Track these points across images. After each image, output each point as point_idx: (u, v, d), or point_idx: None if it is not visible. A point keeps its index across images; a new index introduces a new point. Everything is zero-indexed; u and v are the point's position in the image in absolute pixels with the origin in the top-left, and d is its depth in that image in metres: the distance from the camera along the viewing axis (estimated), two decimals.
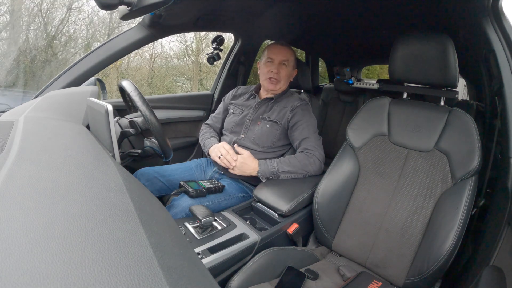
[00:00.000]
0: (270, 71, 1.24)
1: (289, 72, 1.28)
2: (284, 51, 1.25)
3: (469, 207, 0.79)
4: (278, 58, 1.23)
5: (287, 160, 1.12)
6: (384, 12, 1.33)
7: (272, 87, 1.25)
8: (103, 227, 0.28)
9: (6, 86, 3.11)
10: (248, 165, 1.12)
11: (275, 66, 1.23)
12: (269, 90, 1.27)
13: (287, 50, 1.26)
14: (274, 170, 1.10)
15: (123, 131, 1.03)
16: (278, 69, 1.23)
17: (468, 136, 0.85)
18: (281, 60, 1.24)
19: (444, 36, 0.88)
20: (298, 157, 1.13)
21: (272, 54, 1.24)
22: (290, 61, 1.26)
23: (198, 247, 0.81)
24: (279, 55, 1.23)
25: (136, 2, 0.82)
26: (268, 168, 1.10)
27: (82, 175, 0.40)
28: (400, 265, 0.86)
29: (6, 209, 0.28)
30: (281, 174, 1.10)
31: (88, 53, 1.19)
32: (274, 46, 1.26)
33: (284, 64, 1.25)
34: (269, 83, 1.25)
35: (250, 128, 1.25)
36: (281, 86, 1.27)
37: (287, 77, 1.27)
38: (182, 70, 6.00)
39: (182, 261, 0.30)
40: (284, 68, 1.25)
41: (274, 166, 1.10)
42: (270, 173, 1.10)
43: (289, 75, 1.28)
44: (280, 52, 1.24)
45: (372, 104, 1.06)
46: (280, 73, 1.24)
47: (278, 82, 1.25)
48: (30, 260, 0.22)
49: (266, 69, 1.25)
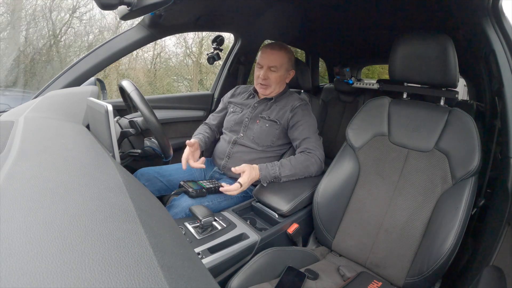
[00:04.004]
0: (258, 77, 1.22)
1: (281, 76, 1.23)
2: (273, 56, 1.20)
3: (469, 207, 0.79)
4: (266, 63, 1.20)
5: (288, 163, 1.09)
6: (384, 12, 1.33)
7: (262, 91, 1.24)
8: (103, 227, 0.28)
9: (6, 86, 3.11)
10: (252, 176, 1.04)
11: (263, 71, 1.20)
12: (261, 94, 1.27)
13: (277, 55, 1.20)
14: (276, 174, 1.07)
15: (123, 131, 1.03)
16: (266, 75, 1.20)
17: (468, 136, 0.85)
18: (269, 65, 1.20)
19: (444, 36, 0.88)
20: (299, 158, 1.12)
21: (261, 59, 1.22)
22: (282, 65, 1.22)
23: (198, 247, 0.81)
24: (267, 61, 1.20)
25: (136, 2, 0.82)
26: (269, 173, 1.07)
27: (82, 175, 0.40)
28: (400, 265, 0.86)
29: (6, 209, 0.28)
30: (282, 178, 1.09)
31: (88, 53, 1.19)
32: (264, 51, 1.23)
33: (273, 70, 1.21)
34: (260, 87, 1.24)
35: (249, 126, 1.25)
36: (273, 90, 1.25)
37: (278, 81, 1.23)
38: (182, 70, 6.00)
39: (182, 261, 0.30)
40: (273, 74, 1.21)
41: (275, 171, 1.07)
42: (272, 177, 1.07)
43: (280, 79, 1.24)
44: (269, 57, 1.20)
45: (372, 104, 1.06)
46: (268, 78, 1.21)
47: (268, 86, 1.23)
48: (30, 260, 0.22)
49: (257, 73, 1.24)
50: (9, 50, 3.72)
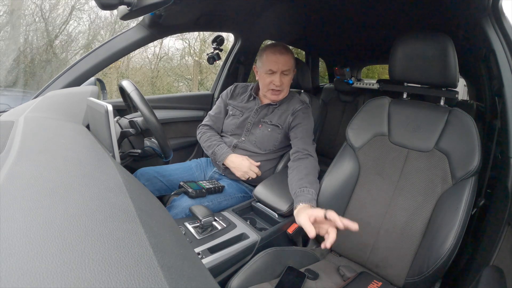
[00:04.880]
0: (272, 83, 1.18)
1: (291, 79, 1.23)
2: (284, 59, 1.16)
3: (469, 207, 0.79)
4: (280, 68, 1.16)
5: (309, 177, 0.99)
6: (384, 12, 1.33)
7: (275, 97, 1.22)
8: (103, 227, 0.28)
9: (6, 86, 3.11)
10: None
11: (278, 77, 1.16)
12: (272, 100, 1.25)
13: (287, 58, 1.17)
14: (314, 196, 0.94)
15: (123, 131, 1.03)
16: (281, 80, 1.17)
17: (468, 136, 0.85)
18: (282, 70, 1.17)
19: (444, 36, 0.88)
20: (308, 166, 1.04)
21: (273, 65, 1.16)
22: (292, 67, 1.21)
23: (198, 247, 0.81)
24: (280, 65, 1.16)
25: (136, 2, 0.82)
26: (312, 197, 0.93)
27: (82, 175, 0.40)
28: (400, 265, 0.86)
29: (6, 209, 0.28)
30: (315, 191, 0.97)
31: (88, 53, 1.19)
32: (274, 56, 1.16)
33: (285, 74, 1.18)
34: (272, 94, 1.21)
35: (251, 131, 1.24)
36: (284, 94, 1.24)
37: (289, 84, 1.24)
38: (182, 70, 6.00)
39: (182, 261, 0.30)
40: (285, 78, 1.19)
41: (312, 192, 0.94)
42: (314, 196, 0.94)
43: (291, 82, 1.24)
44: (282, 62, 1.16)
45: (372, 104, 1.06)
46: (283, 83, 1.19)
47: (281, 92, 1.21)
48: (30, 260, 0.22)
49: (268, 79, 1.18)
50: (9, 50, 3.72)
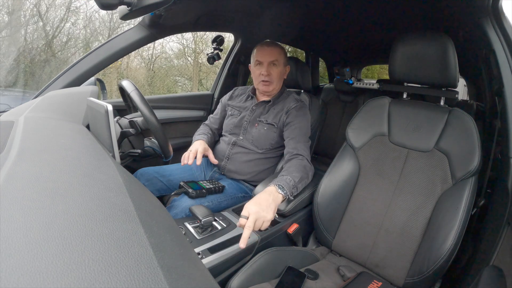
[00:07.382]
0: (260, 74, 1.21)
1: (281, 71, 1.24)
2: (271, 51, 1.21)
3: (469, 207, 0.79)
4: (267, 59, 1.20)
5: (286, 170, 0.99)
6: (384, 12, 1.33)
7: (266, 88, 1.23)
8: (103, 227, 0.28)
9: (6, 86, 3.11)
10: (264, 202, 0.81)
11: (265, 68, 1.20)
12: (264, 92, 1.26)
13: (274, 50, 1.21)
14: (291, 180, 0.93)
15: (123, 131, 1.03)
16: (269, 71, 1.20)
17: (468, 136, 0.85)
18: (270, 61, 1.20)
19: (444, 36, 0.88)
20: (297, 166, 1.01)
21: (260, 57, 1.21)
22: (280, 59, 1.22)
23: (198, 247, 0.81)
24: (267, 56, 1.20)
25: (136, 2, 0.82)
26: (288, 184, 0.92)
27: (82, 175, 0.40)
28: (400, 265, 0.86)
29: (6, 209, 0.28)
30: (297, 185, 0.96)
31: (88, 53, 1.19)
32: (261, 48, 1.22)
33: (274, 64, 1.21)
34: (263, 85, 1.23)
35: (248, 130, 1.25)
36: (275, 87, 1.25)
37: (279, 76, 1.24)
38: (182, 70, 6.00)
39: (182, 261, 0.30)
40: (274, 69, 1.22)
41: (287, 178, 0.94)
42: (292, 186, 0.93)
43: (281, 74, 1.25)
44: (268, 53, 1.20)
45: (372, 104, 1.06)
46: (271, 74, 1.21)
47: (271, 83, 1.22)
48: (30, 260, 0.22)
49: (257, 72, 1.22)
50: (9, 50, 3.72)
